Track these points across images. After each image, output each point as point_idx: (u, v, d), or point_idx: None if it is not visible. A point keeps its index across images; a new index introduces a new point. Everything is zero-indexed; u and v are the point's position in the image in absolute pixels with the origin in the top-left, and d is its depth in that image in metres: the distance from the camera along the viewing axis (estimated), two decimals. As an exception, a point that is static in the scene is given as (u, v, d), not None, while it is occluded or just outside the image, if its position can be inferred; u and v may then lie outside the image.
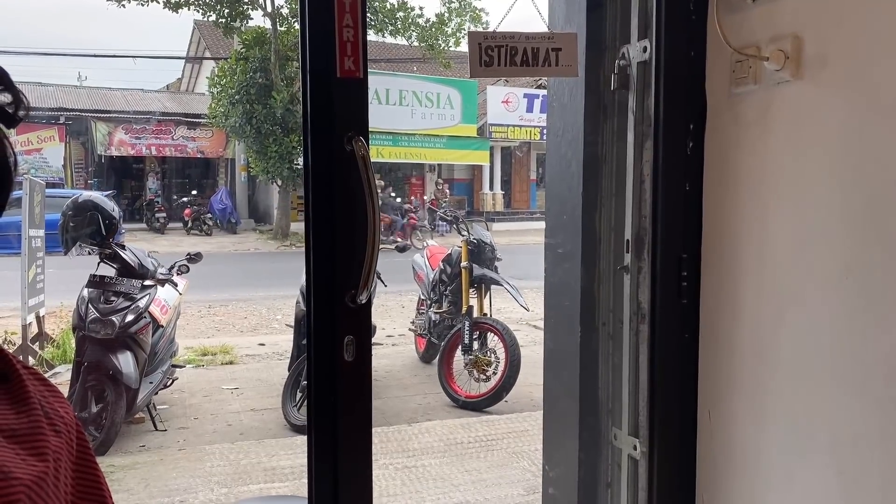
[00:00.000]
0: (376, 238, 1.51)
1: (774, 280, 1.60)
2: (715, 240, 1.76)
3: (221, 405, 5.11)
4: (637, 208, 1.94)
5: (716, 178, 1.75)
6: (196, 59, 23.66)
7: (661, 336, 1.83)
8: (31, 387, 0.76)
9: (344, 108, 1.49)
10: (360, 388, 1.57)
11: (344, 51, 1.46)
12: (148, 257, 4.51)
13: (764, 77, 1.58)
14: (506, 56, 1.67)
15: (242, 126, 15.97)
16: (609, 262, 2.02)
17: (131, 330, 4.01)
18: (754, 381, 1.65)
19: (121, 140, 20.02)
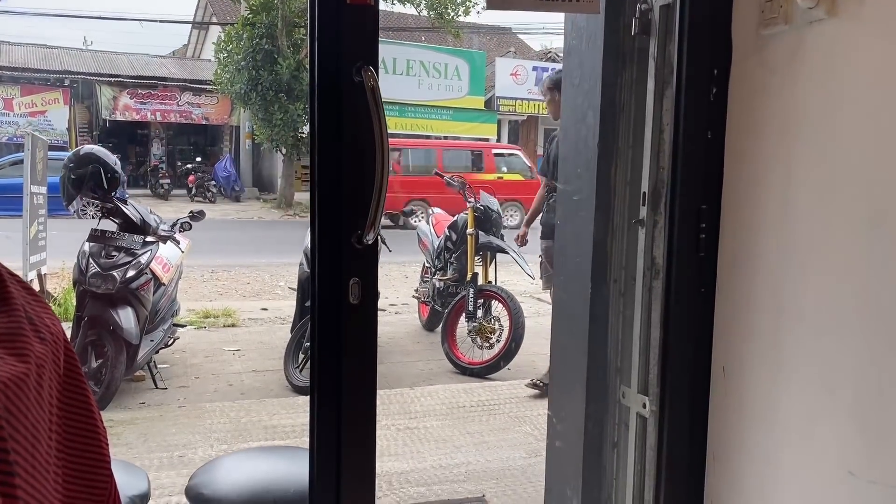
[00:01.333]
0: (385, 175, 1.45)
1: (798, 230, 1.53)
2: (736, 190, 1.69)
3: (223, 366, 5.09)
4: (655, 159, 1.87)
5: (740, 125, 1.68)
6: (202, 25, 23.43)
7: (675, 290, 1.77)
8: (14, 290, 0.70)
9: (353, 35, 1.42)
10: (365, 331, 1.52)
11: None
12: (150, 214, 4.45)
13: (795, 16, 1.50)
14: None
15: (248, 93, 15.82)
16: (623, 215, 1.96)
17: (132, 285, 3.96)
18: (773, 335, 1.59)
19: (126, 105, 19.89)
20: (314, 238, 1.54)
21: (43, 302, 0.76)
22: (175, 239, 4.47)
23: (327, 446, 1.57)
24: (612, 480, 2.00)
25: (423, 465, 3.37)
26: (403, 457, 3.46)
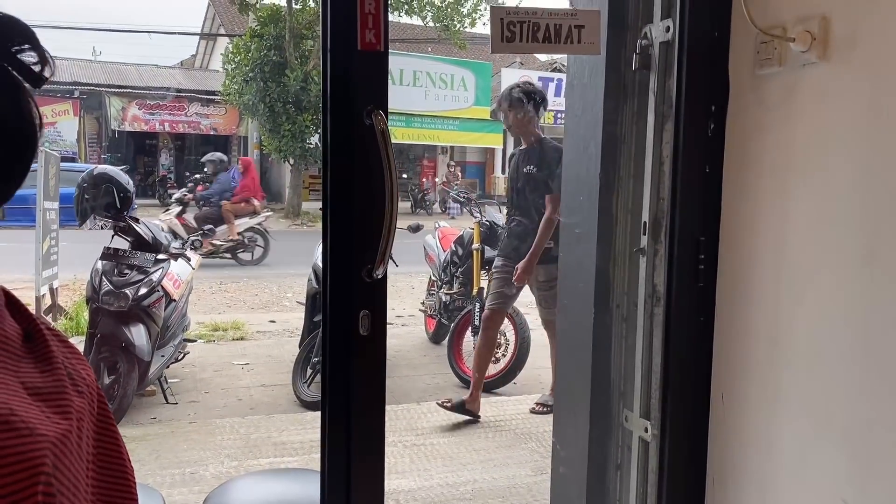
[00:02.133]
0: (394, 212, 1.51)
1: (793, 265, 1.59)
2: (734, 223, 1.75)
3: (232, 380, 5.15)
4: (655, 190, 1.92)
5: (737, 160, 1.73)
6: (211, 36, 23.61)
7: (675, 319, 1.83)
8: (55, 347, 0.76)
9: (364, 81, 1.48)
10: (374, 363, 1.58)
11: (365, 23, 1.45)
12: (162, 231, 4.53)
13: (789, 58, 1.56)
14: (528, 32, 1.65)
15: (256, 104, 15.95)
16: (625, 244, 2.01)
17: (144, 303, 4.04)
18: (769, 365, 1.64)
19: (135, 115, 20.05)
20: (326, 271, 1.60)
21: (78, 353, 0.82)
22: (186, 256, 4.55)
23: (337, 472, 1.63)
24: (615, 503, 2.04)
25: (429, 483, 3.42)
26: (410, 474, 3.51)
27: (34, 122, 0.71)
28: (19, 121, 0.69)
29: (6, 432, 0.61)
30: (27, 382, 0.69)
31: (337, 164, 1.52)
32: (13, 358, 0.69)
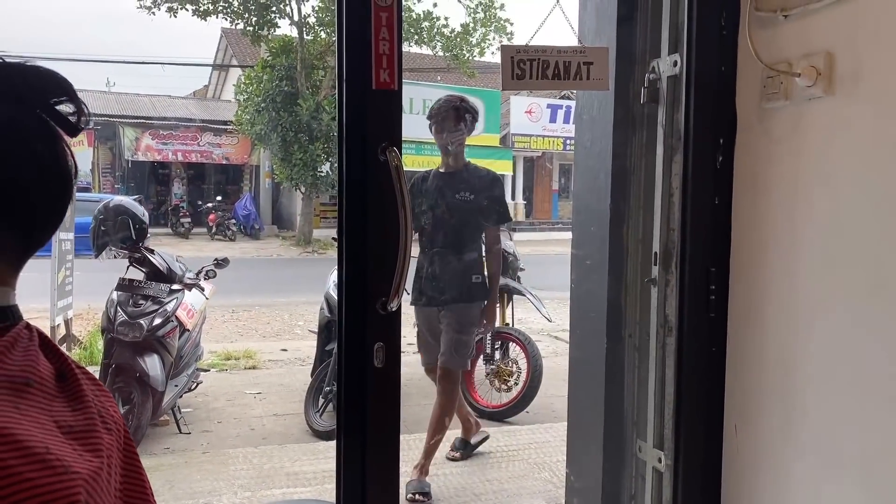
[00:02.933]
0: (408, 246, 1.54)
1: (803, 295, 1.60)
2: (744, 254, 1.76)
3: (244, 409, 5.16)
4: (665, 221, 1.95)
5: (745, 192, 1.76)
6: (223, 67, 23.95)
7: (687, 349, 1.84)
8: (86, 385, 0.79)
9: (378, 119, 1.52)
10: (389, 395, 1.60)
11: (380, 63, 1.50)
12: (176, 262, 4.58)
13: (795, 93, 1.59)
14: (537, 69, 1.69)
15: (268, 133, 16.12)
16: (636, 274, 2.03)
17: (159, 333, 4.07)
18: (782, 395, 1.65)
19: (148, 145, 20.28)
20: (341, 304, 1.63)
21: (105, 391, 0.85)
22: (200, 286, 4.59)
23: (353, 502, 1.64)
24: (629, 534, 2.04)
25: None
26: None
27: (70, 170, 0.74)
28: (57, 169, 0.73)
29: (43, 470, 0.63)
30: (60, 421, 0.71)
31: (352, 199, 1.56)
32: (47, 397, 0.72)
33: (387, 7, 1.48)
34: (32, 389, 0.70)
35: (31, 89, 0.71)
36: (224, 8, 16.15)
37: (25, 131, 0.70)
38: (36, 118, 0.71)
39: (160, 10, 16.31)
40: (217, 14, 16.32)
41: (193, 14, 16.26)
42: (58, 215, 0.75)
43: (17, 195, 0.70)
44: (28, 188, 0.70)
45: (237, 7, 16.11)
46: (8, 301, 0.73)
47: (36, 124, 0.71)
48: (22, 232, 0.72)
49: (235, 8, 16.11)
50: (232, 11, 16.18)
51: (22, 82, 0.71)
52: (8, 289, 0.74)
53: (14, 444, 0.63)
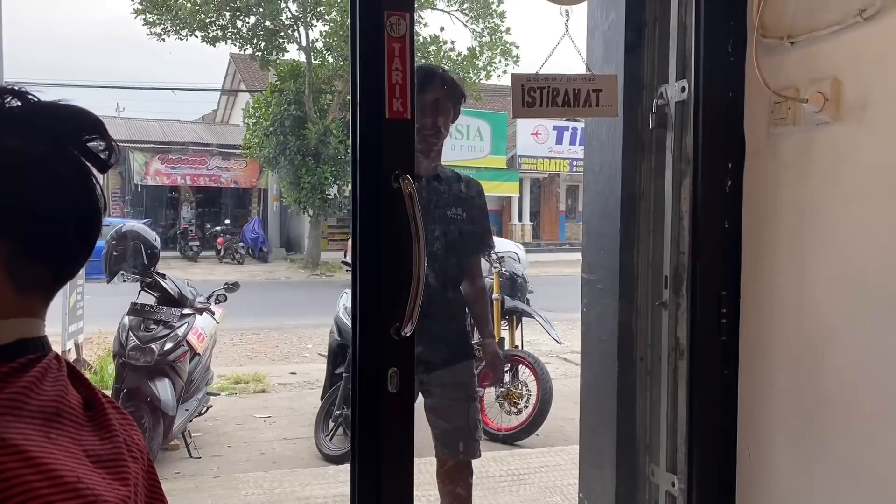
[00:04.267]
0: (421, 271, 1.55)
1: (815, 319, 1.61)
2: (754, 277, 1.77)
3: (254, 433, 5.16)
4: (675, 245, 1.96)
5: (755, 216, 1.77)
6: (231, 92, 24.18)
7: (700, 372, 1.84)
8: (112, 415, 0.80)
9: (392, 147, 1.54)
10: (403, 420, 1.60)
11: (393, 93, 1.52)
12: (187, 286, 4.61)
13: (803, 118, 1.61)
14: (548, 97, 1.72)
15: (276, 157, 16.23)
16: (647, 297, 2.04)
17: (170, 358, 4.09)
18: (795, 419, 1.65)
19: (157, 170, 20.44)
20: (355, 329, 1.64)
21: (130, 420, 0.86)
22: (210, 310, 4.61)
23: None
24: (643, 559, 2.03)
25: (454, 537, 3.38)
26: (435, 528, 3.48)
27: (100, 205, 0.77)
28: (88, 204, 0.75)
29: (75, 499, 0.65)
30: (89, 450, 0.73)
31: (366, 226, 1.58)
32: (76, 427, 0.74)
33: (399, 38, 1.51)
34: (62, 419, 0.72)
35: (65, 128, 0.74)
36: (233, 34, 16.34)
37: (61, 169, 0.72)
38: (70, 156, 0.74)
39: (170, 36, 16.51)
40: (226, 40, 16.52)
41: (202, 40, 16.46)
42: (88, 249, 0.77)
43: (52, 230, 0.72)
44: (62, 223, 0.72)
45: (245, 33, 16.30)
46: (39, 332, 0.75)
47: (70, 162, 0.74)
48: (55, 265, 0.74)
49: (244, 34, 16.30)
50: (241, 37, 16.37)
51: (57, 122, 0.73)
52: (39, 320, 0.76)
53: (47, 473, 0.65)
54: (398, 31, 1.51)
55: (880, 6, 1.41)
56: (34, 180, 0.70)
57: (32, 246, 0.71)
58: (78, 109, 0.76)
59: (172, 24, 16.22)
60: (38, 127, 0.72)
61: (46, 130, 0.73)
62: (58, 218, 0.72)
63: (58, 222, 0.72)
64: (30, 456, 0.64)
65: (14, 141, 0.70)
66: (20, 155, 0.70)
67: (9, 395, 0.67)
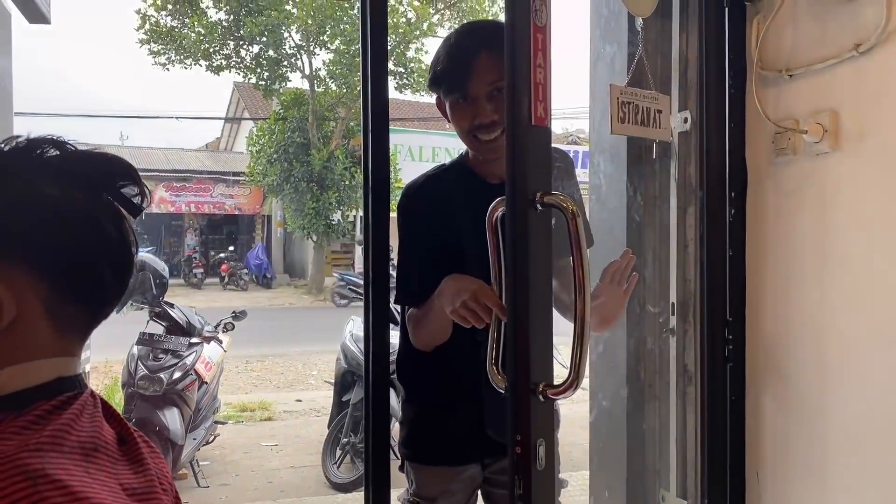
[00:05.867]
0: (587, 311, 1.21)
1: (821, 345, 1.63)
2: (759, 304, 1.80)
3: (261, 462, 5.15)
4: (682, 272, 1.99)
5: (758, 243, 1.80)
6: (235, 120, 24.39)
7: (708, 398, 1.86)
8: (144, 449, 0.83)
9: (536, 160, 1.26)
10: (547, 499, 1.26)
11: (537, 94, 1.24)
12: (195, 315, 4.64)
13: (803, 148, 1.65)
14: (632, 114, 1.74)
15: (280, 184, 16.34)
16: (654, 324, 2.07)
17: (178, 387, 4.10)
18: (804, 444, 1.67)
19: (161, 198, 20.57)
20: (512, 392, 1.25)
21: (158, 453, 0.89)
22: (218, 338, 4.64)
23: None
24: (655, 585, 2.04)
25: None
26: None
27: (132, 248, 0.80)
28: (124, 248, 0.78)
29: (115, 532, 0.68)
30: (125, 483, 0.76)
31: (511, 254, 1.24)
32: (111, 461, 0.77)
33: (542, 27, 1.24)
34: (99, 454, 0.75)
35: (100, 175, 0.78)
36: (237, 63, 16.52)
37: (97, 214, 0.76)
38: (104, 202, 0.78)
39: (174, 65, 16.70)
40: (230, 69, 16.70)
41: (207, 69, 16.64)
42: (122, 289, 0.81)
43: (90, 274, 0.76)
44: (99, 267, 0.76)
45: (249, 62, 16.48)
46: (76, 370, 0.79)
47: (105, 207, 0.77)
48: (91, 306, 0.78)
49: (248, 63, 16.48)
50: (244, 66, 16.55)
51: (92, 169, 0.77)
52: (76, 359, 0.79)
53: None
54: (541, 20, 1.23)
55: (875, 41, 1.45)
56: (74, 226, 0.74)
57: (71, 288, 0.75)
58: (111, 157, 0.79)
59: (177, 54, 16.41)
60: (75, 175, 0.76)
61: (83, 178, 0.76)
62: (95, 261, 0.76)
63: (95, 265, 0.76)
64: (73, 490, 0.67)
65: (54, 189, 0.74)
66: (60, 202, 0.73)
67: (51, 432, 0.70)
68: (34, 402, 0.73)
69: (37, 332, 0.74)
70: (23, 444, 0.68)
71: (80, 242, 0.74)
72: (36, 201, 0.72)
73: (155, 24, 16.14)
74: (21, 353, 0.73)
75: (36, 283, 0.72)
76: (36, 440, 0.69)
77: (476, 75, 1.41)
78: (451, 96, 1.45)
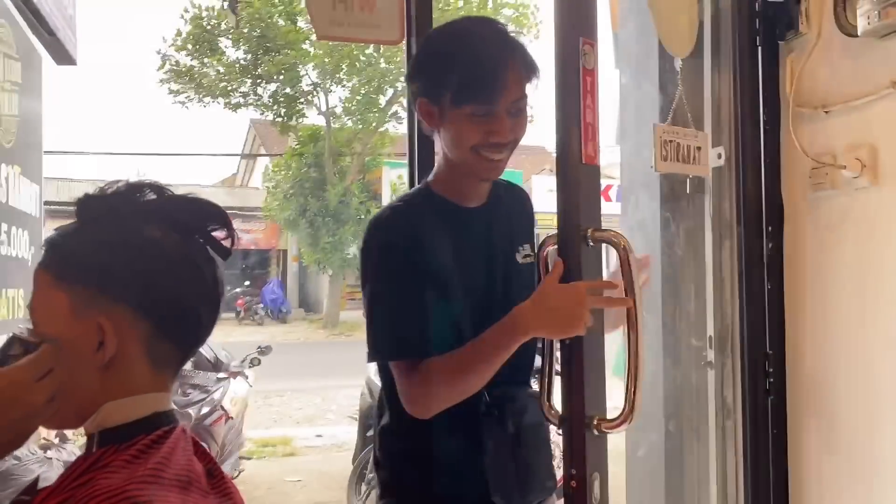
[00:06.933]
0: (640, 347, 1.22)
1: (865, 380, 1.64)
2: (800, 338, 1.81)
3: (285, 498, 5.14)
4: (719, 306, 2.01)
5: (797, 277, 1.82)
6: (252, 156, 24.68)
7: (750, 432, 1.86)
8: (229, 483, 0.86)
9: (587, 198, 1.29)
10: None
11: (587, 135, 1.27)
12: (222, 350, 4.68)
13: (841, 183, 1.67)
14: (673, 152, 1.78)
15: (296, 219, 16.50)
16: (691, 358, 2.08)
17: (206, 422, 4.13)
18: (850, 481, 1.67)
19: (178, 233, 20.76)
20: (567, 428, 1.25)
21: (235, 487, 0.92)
22: (244, 374, 4.67)
23: None
24: None
25: None
26: None
27: (222, 289, 0.84)
28: (216, 288, 0.82)
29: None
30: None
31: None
32: (202, 493, 0.79)
33: (590, 70, 1.28)
34: (193, 487, 0.78)
35: (193, 219, 0.82)
36: (254, 101, 16.80)
37: (193, 256, 0.80)
38: (198, 244, 0.81)
39: (193, 104, 17.01)
40: (247, 106, 16.98)
41: (225, 107, 16.92)
42: (211, 328, 0.84)
43: (188, 313, 0.79)
44: (196, 307, 0.80)
45: (266, 100, 16.75)
46: (169, 406, 0.82)
47: (198, 250, 0.81)
48: (185, 344, 0.81)
49: (265, 100, 16.76)
50: (261, 104, 16.82)
51: (188, 213, 0.81)
52: (169, 394, 0.82)
53: None
54: (589, 63, 1.27)
55: (913, 79, 1.48)
56: (174, 267, 0.78)
57: (169, 327, 0.78)
58: (204, 201, 0.84)
59: (196, 92, 16.72)
60: (173, 218, 0.80)
61: (180, 221, 0.80)
62: (193, 301, 0.79)
63: (193, 305, 0.79)
64: None
65: (155, 231, 0.78)
66: (162, 245, 0.78)
67: (153, 466, 0.73)
68: (135, 436, 0.76)
69: (135, 369, 0.77)
70: (129, 477, 0.71)
71: (180, 283, 0.78)
72: (140, 243, 0.77)
73: (175, 64, 16.48)
74: (120, 388, 0.77)
75: (138, 322, 0.76)
76: (141, 473, 0.72)
77: (507, 90, 1.28)
78: (466, 106, 1.27)
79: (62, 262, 0.76)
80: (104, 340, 0.74)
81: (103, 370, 0.75)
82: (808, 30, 1.73)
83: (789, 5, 1.78)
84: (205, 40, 16.11)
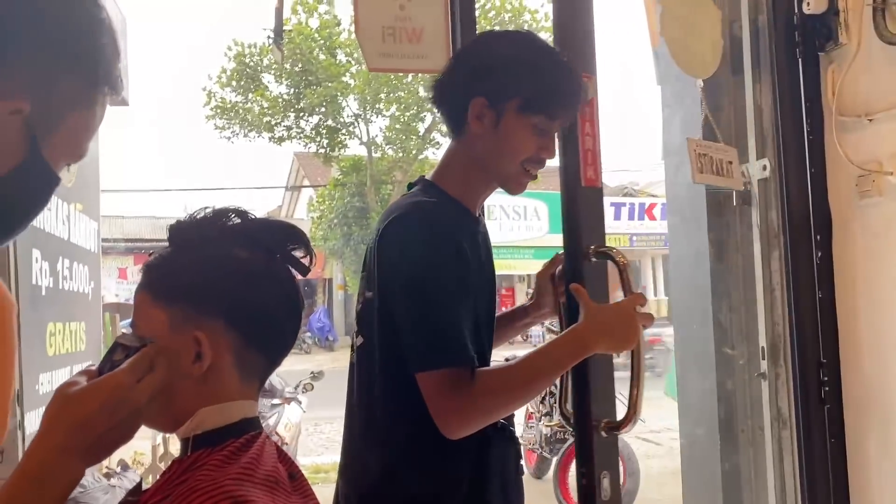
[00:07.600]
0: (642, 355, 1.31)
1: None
2: (856, 345, 1.81)
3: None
4: (770, 316, 2.02)
5: (849, 285, 1.83)
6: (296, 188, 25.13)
7: (806, 441, 1.86)
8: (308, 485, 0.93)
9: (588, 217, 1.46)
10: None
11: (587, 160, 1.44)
12: (276, 376, 4.78)
13: (888, 190, 1.68)
14: (707, 165, 1.83)
15: (341, 248, 16.74)
16: (745, 369, 2.09)
17: (262, 447, 4.21)
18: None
19: (226, 265, 21.17)
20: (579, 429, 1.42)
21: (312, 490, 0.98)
22: (298, 399, 4.75)
23: None
24: None
25: None
26: None
27: (302, 304, 0.91)
28: (298, 303, 0.89)
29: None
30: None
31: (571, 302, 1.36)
32: (286, 493, 0.86)
33: (588, 102, 1.42)
34: (279, 487, 0.84)
35: (275, 239, 0.89)
36: (297, 133, 17.16)
37: (276, 273, 0.87)
38: (279, 262, 0.89)
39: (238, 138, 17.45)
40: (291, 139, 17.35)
41: (270, 140, 17.32)
42: (294, 340, 0.91)
43: (274, 326, 0.86)
44: (282, 321, 0.87)
45: (309, 132, 17.10)
46: (255, 412, 0.89)
47: (281, 268, 0.88)
48: (271, 354, 0.88)
49: (307, 133, 17.10)
50: (304, 136, 17.17)
51: (269, 234, 0.88)
52: (256, 402, 0.89)
53: None
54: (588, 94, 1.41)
55: (956, 84, 1.50)
56: (262, 284, 0.85)
57: (257, 338, 0.85)
58: (284, 224, 0.91)
59: (241, 127, 17.16)
60: (257, 239, 0.87)
61: (263, 242, 0.88)
62: (278, 315, 0.86)
63: (278, 319, 0.86)
64: None
65: (243, 252, 0.85)
66: (249, 264, 0.85)
67: (244, 465, 0.80)
68: (226, 440, 0.82)
69: (226, 378, 0.84)
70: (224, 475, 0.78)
71: (266, 298, 0.85)
72: (230, 263, 0.84)
73: (220, 101, 16.96)
74: (213, 396, 0.84)
75: (229, 334, 0.83)
76: (235, 471, 0.79)
77: (574, 111, 1.31)
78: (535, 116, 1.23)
79: (159, 283, 0.84)
80: (201, 352, 0.81)
81: (199, 379, 0.82)
82: (847, 40, 1.76)
83: (828, 17, 1.81)
84: (248, 76, 16.56)
